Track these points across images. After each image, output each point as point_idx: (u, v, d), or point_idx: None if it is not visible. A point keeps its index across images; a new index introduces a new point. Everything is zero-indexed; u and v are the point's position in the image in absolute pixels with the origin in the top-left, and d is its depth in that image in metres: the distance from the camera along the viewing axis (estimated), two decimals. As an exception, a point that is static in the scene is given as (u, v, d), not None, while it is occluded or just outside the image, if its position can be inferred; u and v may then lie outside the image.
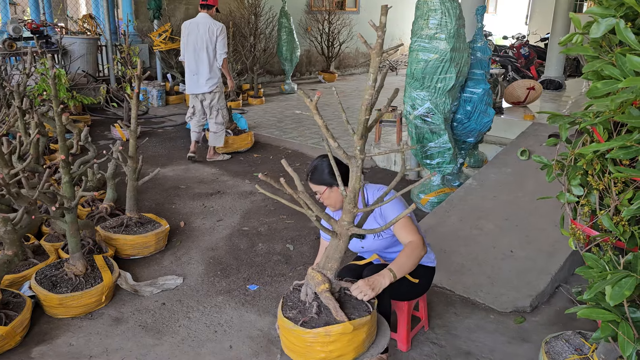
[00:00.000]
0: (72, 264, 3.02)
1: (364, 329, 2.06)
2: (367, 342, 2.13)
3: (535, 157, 2.01)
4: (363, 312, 2.10)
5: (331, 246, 2.13)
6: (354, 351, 2.07)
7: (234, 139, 6.38)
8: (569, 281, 3.45)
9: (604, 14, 1.62)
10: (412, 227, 2.37)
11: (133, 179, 3.73)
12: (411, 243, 2.31)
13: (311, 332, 2.01)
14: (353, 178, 2.00)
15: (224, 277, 3.44)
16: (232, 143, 6.35)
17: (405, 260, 2.27)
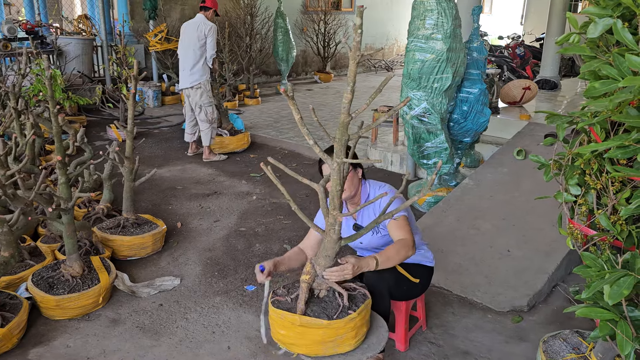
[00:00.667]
0: (69, 266, 3.01)
1: (318, 331, 2.08)
2: (328, 348, 2.12)
3: (533, 157, 2.01)
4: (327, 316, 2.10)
5: (322, 244, 2.15)
6: (305, 347, 2.13)
7: (230, 139, 6.38)
8: (566, 280, 3.46)
9: (601, 14, 1.63)
10: (407, 228, 2.38)
11: (130, 179, 3.72)
12: (401, 240, 2.32)
13: (273, 309, 2.18)
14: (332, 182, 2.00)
15: (221, 277, 3.44)
16: (228, 143, 6.35)
17: (393, 254, 2.26)
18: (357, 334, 2.15)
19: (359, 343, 2.18)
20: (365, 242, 2.57)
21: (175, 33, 9.75)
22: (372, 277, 2.38)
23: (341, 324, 2.09)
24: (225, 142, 6.33)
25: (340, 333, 2.10)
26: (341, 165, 1.96)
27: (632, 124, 1.38)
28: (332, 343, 2.11)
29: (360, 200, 2.54)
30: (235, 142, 6.45)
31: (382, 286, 2.35)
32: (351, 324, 2.10)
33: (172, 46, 9.17)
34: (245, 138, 6.59)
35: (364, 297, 2.22)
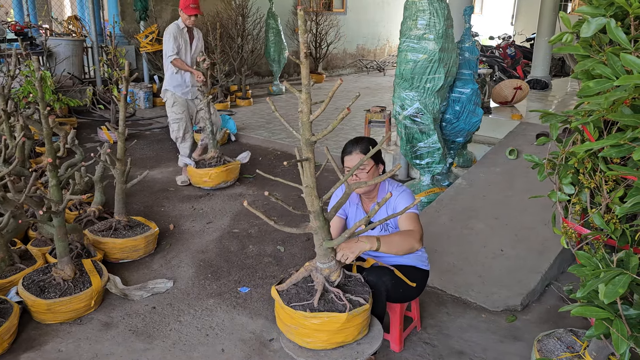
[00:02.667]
0: (60, 269, 2.98)
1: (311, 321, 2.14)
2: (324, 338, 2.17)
3: (527, 156, 2.02)
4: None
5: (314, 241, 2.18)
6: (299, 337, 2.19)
7: (205, 173, 5.09)
8: (559, 279, 3.47)
9: (594, 13, 1.63)
10: (417, 222, 2.40)
11: (121, 181, 3.69)
12: (411, 231, 2.33)
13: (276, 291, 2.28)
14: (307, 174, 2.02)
15: (214, 279, 3.41)
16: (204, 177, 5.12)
17: (397, 240, 2.27)
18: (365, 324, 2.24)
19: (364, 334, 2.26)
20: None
21: (167, 34, 9.73)
22: (370, 278, 2.38)
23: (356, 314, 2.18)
24: (200, 176, 5.06)
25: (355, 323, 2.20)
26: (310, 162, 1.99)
27: (626, 123, 1.38)
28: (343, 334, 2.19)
29: (377, 196, 2.53)
30: (215, 178, 5.05)
31: (380, 287, 2.35)
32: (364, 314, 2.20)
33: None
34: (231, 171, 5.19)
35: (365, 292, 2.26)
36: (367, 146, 2.43)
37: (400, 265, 2.52)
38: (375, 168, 2.45)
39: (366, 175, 2.41)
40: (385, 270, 2.46)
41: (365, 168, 2.40)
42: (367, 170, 2.41)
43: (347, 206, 2.61)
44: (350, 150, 2.44)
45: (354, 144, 2.45)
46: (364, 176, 2.41)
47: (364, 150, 2.41)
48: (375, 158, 2.43)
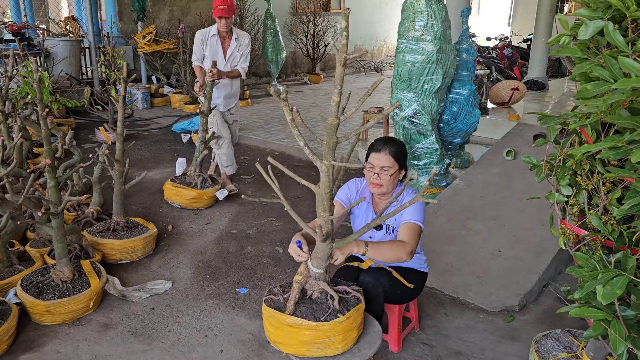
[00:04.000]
0: (59, 270, 2.98)
1: (304, 331, 2.09)
2: (315, 349, 2.13)
3: (525, 158, 2.03)
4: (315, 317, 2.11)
5: (318, 246, 2.14)
6: (293, 347, 2.15)
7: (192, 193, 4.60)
8: (556, 279, 3.49)
9: (592, 16, 1.64)
10: (415, 236, 2.36)
11: (120, 182, 3.69)
12: (403, 243, 2.32)
13: (265, 307, 2.21)
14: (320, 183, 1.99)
15: (213, 280, 3.42)
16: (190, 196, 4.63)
17: (385, 249, 2.25)
18: (345, 337, 2.15)
19: (347, 347, 2.18)
20: (376, 239, 2.55)
21: (164, 34, 9.74)
22: (368, 279, 2.39)
23: (328, 327, 2.09)
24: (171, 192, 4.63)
25: (328, 335, 2.11)
26: (329, 168, 1.96)
27: (624, 125, 1.39)
28: (320, 345, 2.12)
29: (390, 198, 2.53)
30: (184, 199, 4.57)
31: (378, 287, 2.36)
32: (339, 327, 2.10)
33: (161, 47, 9.14)
34: (202, 200, 4.60)
35: (357, 301, 2.22)
36: (397, 149, 2.39)
37: (398, 267, 2.52)
38: (398, 173, 2.43)
39: (389, 179, 2.39)
40: (383, 271, 2.46)
41: (389, 170, 2.37)
42: (390, 173, 2.38)
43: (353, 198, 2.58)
44: (379, 148, 2.38)
45: (385, 143, 2.40)
46: (386, 178, 2.38)
47: (393, 152, 2.37)
48: (400, 163, 2.41)
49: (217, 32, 4.63)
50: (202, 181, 4.63)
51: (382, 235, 2.54)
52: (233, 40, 4.68)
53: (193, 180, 4.64)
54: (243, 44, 4.72)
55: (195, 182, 4.62)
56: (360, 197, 2.58)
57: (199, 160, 4.64)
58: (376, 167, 2.39)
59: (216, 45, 4.66)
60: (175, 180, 4.68)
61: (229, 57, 4.70)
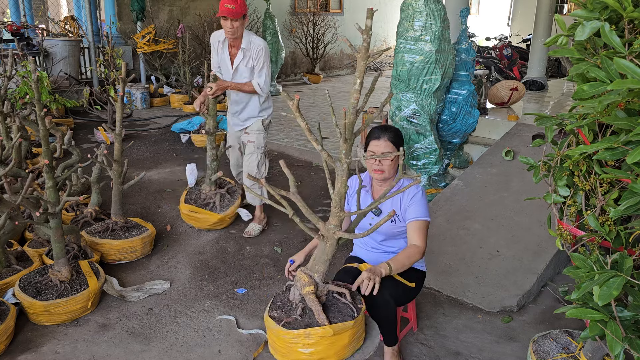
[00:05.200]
0: (57, 270, 2.98)
1: (347, 334, 2.07)
2: (351, 348, 2.12)
3: (522, 159, 2.03)
4: (347, 317, 2.11)
5: (319, 249, 2.12)
6: (335, 355, 2.07)
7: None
8: (554, 280, 3.49)
9: (589, 17, 1.64)
10: (425, 234, 2.43)
11: (118, 183, 3.69)
12: (417, 247, 2.37)
13: (291, 332, 2.03)
14: (339, 182, 2.00)
15: (211, 281, 3.42)
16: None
17: (404, 261, 2.31)
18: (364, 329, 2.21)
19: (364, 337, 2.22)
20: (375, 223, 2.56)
21: (163, 34, 9.73)
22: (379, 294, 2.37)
23: (361, 318, 2.14)
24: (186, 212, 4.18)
25: (361, 328, 2.15)
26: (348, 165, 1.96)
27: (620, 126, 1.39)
28: (355, 341, 2.13)
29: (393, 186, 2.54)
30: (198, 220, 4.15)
31: (385, 293, 2.32)
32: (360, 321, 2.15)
33: (160, 47, 9.13)
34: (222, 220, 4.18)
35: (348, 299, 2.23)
36: (395, 135, 2.47)
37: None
38: (397, 158, 2.47)
39: (389, 164, 2.45)
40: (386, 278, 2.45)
41: (389, 155, 2.42)
42: (391, 158, 2.44)
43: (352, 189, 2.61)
44: (379, 135, 2.46)
45: (383, 130, 2.47)
46: (387, 164, 2.44)
47: (392, 138, 2.45)
48: (398, 147, 2.47)
49: (225, 38, 3.83)
50: (220, 199, 4.19)
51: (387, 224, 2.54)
52: (240, 52, 3.79)
53: (210, 199, 4.18)
54: (252, 55, 3.80)
55: (212, 200, 4.17)
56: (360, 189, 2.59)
57: (212, 179, 4.20)
58: (377, 154, 2.42)
59: (223, 52, 3.88)
60: (190, 201, 4.16)
61: (234, 70, 3.88)
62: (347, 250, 3.46)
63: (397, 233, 2.55)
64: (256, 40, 3.82)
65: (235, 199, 4.25)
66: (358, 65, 1.82)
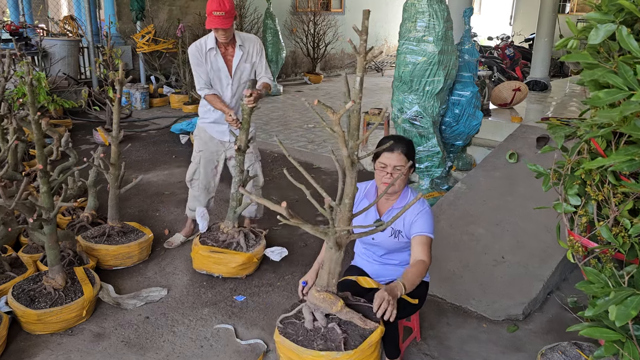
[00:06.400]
0: (51, 278, 2.90)
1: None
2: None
3: (531, 166, 1.95)
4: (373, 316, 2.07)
5: (332, 260, 2.04)
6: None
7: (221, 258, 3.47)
8: (560, 287, 3.41)
9: (603, 19, 1.56)
10: (429, 248, 2.35)
11: (115, 186, 3.62)
12: (424, 263, 2.29)
13: (358, 349, 1.97)
14: (349, 184, 1.93)
15: (209, 287, 3.34)
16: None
17: (416, 280, 2.22)
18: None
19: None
20: (378, 240, 2.48)
21: (163, 34, 9.66)
22: None
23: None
24: (201, 257, 3.46)
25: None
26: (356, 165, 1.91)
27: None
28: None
29: (397, 199, 2.46)
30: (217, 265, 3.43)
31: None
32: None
33: (160, 47, 9.06)
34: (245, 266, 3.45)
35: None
36: (408, 147, 2.38)
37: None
38: (409, 171, 2.40)
39: (402, 178, 2.37)
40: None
41: (402, 169, 2.34)
42: (404, 172, 2.35)
43: (357, 200, 2.53)
44: (392, 148, 2.33)
45: (396, 141, 2.34)
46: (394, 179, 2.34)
47: (405, 151, 2.34)
48: (411, 160, 2.38)
49: (215, 44, 3.50)
50: (244, 238, 3.53)
51: (386, 237, 2.46)
52: (237, 49, 3.53)
53: (232, 238, 3.51)
54: (252, 51, 3.59)
55: (235, 239, 3.50)
56: (367, 197, 2.51)
57: (238, 213, 3.54)
58: (389, 167, 2.34)
59: (216, 60, 3.53)
60: (207, 241, 3.50)
61: (235, 71, 3.57)
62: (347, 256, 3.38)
63: (399, 248, 2.48)
64: (248, 36, 3.64)
65: (260, 239, 3.60)
66: (358, 65, 1.77)
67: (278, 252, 3.54)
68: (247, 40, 3.60)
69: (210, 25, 3.33)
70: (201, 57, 3.50)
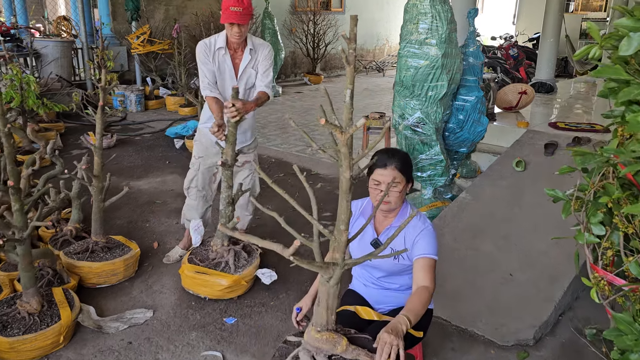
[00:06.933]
0: (26, 301, 2.70)
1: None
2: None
3: (549, 191, 1.74)
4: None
5: (329, 295, 1.81)
6: None
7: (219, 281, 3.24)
8: (573, 306, 3.20)
9: (636, 27, 1.35)
10: (433, 272, 2.13)
11: (99, 200, 3.41)
12: (427, 290, 2.07)
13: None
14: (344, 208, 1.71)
15: (198, 308, 3.13)
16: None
17: (420, 309, 2.00)
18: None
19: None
20: (377, 261, 2.27)
21: (159, 34, 9.44)
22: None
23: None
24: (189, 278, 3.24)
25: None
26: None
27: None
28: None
29: (395, 216, 2.25)
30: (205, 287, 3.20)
31: None
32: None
33: (156, 48, 8.86)
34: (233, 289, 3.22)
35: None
36: (403, 162, 2.15)
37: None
38: (406, 186, 2.18)
39: (397, 195, 2.15)
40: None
41: (397, 186, 2.13)
42: (399, 189, 2.14)
43: (353, 218, 2.32)
44: (384, 163, 2.12)
45: (389, 156, 2.14)
46: (394, 195, 2.14)
47: (399, 166, 2.13)
48: (407, 176, 2.17)
49: (226, 44, 3.34)
50: (235, 257, 3.30)
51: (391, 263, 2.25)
52: (247, 53, 3.36)
53: (221, 257, 3.30)
54: (261, 56, 3.41)
55: (224, 259, 3.28)
56: (363, 215, 2.30)
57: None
58: (382, 184, 2.12)
59: (224, 60, 3.36)
60: (195, 260, 3.29)
61: (241, 74, 3.39)
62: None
63: (399, 270, 2.27)
64: (261, 42, 3.47)
65: (253, 258, 3.36)
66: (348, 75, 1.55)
67: (268, 274, 3.30)
68: (259, 45, 3.42)
69: (226, 20, 3.16)
70: (208, 55, 3.34)
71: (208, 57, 3.34)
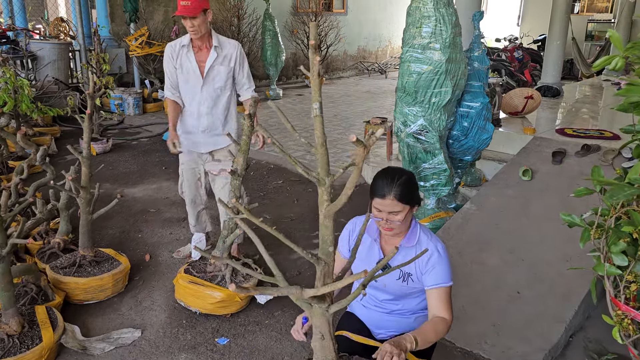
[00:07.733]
0: (5, 323, 2.55)
1: None
2: None
3: (565, 216, 1.58)
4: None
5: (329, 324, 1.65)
6: None
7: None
8: (584, 326, 3.04)
9: (668, 38, 1.19)
10: (450, 302, 1.99)
11: (87, 212, 3.27)
12: (445, 321, 1.94)
13: None
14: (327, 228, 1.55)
15: (189, 327, 2.98)
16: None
17: (432, 336, 1.86)
18: None
19: None
20: (382, 282, 2.11)
21: (158, 36, 9.31)
22: None
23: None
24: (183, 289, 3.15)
25: None
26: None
27: None
28: None
29: (404, 236, 2.07)
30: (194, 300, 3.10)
31: None
32: None
33: (154, 50, 8.72)
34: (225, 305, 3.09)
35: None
36: (404, 189, 1.93)
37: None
38: (410, 211, 1.99)
39: (400, 223, 1.96)
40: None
41: (398, 215, 1.94)
42: (400, 218, 1.94)
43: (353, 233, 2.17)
44: (382, 193, 1.93)
45: (387, 183, 1.93)
46: (396, 224, 1.96)
47: (399, 196, 1.91)
48: (410, 202, 1.96)
49: (190, 42, 3.33)
50: (232, 272, 3.16)
51: (394, 280, 2.08)
52: (212, 51, 3.32)
53: (219, 270, 3.18)
54: (230, 55, 3.38)
55: (221, 273, 3.16)
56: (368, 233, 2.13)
57: (227, 244, 3.15)
58: (383, 212, 1.95)
59: (187, 58, 3.33)
60: (192, 271, 3.19)
61: (207, 72, 3.34)
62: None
63: (407, 294, 2.11)
64: (227, 39, 3.48)
65: (253, 277, 3.17)
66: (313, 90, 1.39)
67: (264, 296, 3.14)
68: (224, 43, 3.43)
69: (177, 13, 3.20)
70: (173, 56, 3.38)
71: (172, 59, 3.38)
